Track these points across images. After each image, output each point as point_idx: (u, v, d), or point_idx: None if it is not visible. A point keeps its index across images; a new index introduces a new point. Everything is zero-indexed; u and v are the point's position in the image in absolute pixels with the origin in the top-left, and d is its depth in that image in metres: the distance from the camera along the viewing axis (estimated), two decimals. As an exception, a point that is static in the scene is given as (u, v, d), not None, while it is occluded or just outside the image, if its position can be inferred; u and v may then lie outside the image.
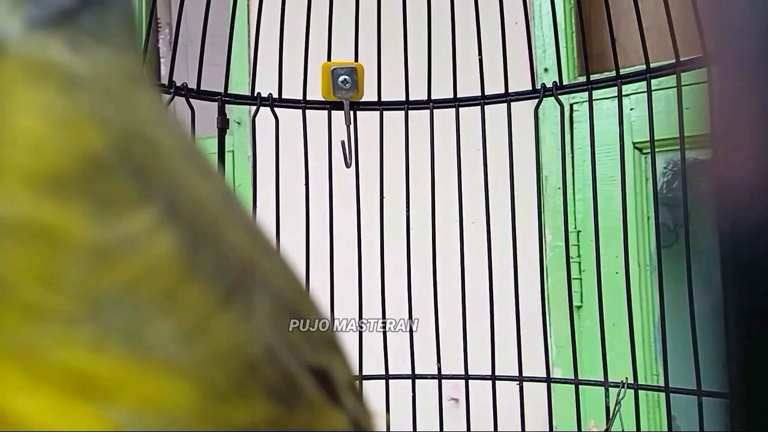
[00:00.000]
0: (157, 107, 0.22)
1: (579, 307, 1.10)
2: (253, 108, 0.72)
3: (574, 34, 1.19)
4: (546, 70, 1.19)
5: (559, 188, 1.14)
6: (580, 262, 1.12)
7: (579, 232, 1.14)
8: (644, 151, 1.12)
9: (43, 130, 0.18)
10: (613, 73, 0.71)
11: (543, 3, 1.19)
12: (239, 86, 0.99)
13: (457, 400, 0.89)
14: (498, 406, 0.71)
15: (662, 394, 0.66)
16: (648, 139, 0.69)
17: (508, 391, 0.72)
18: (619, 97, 0.70)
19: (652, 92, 0.69)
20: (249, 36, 1.25)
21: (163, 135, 0.20)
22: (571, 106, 1.13)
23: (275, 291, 0.22)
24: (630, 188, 1.08)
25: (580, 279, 1.11)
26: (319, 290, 0.69)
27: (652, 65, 0.67)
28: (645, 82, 0.69)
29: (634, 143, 1.09)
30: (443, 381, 0.73)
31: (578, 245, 1.13)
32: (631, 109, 1.06)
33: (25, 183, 0.17)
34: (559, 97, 0.71)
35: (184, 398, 0.17)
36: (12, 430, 0.16)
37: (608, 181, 1.03)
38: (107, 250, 0.17)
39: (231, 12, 0.71)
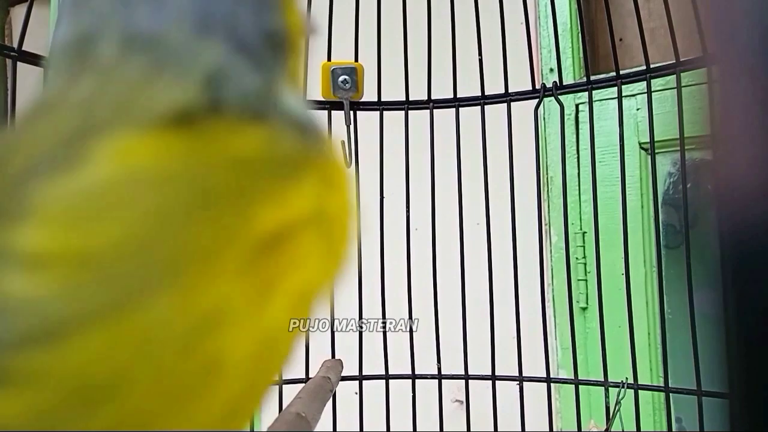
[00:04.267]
0: None
1: (584, 309, 1.08)
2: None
3: (579, 35, 1.18)
4: (552, 70, 1.18)
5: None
6: (585, 263, 1.10)
7: (584, 233, 1.11)
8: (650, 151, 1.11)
9: None
10: (613, 73, 0.71)
11: (548, 3, 1.18)
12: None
13: (462, 402, 0.89)
14: (499, 407, 0.71)
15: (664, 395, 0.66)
16: (655, 139, 0.68)
17: (509, 391, 0.71)
18: (619, 97, 0.70)
19: (659, 92, 0.69)
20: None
21: None
22: (577, 106, 1.11)
23: None
24: (636, 189, 1.07)
25: (586, 280, 1.09)
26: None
27: (657, 65, 0.66)
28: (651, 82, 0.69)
29: (640, 143, 1.07)
30: (446, 382, 0.73)
31: (584, 246, 1.11)
32: (638, 109, 1.05)
33: None
34: (566, 97, 0.71)
35: None
36: None
37: (614, 182, 1.01)
38: None
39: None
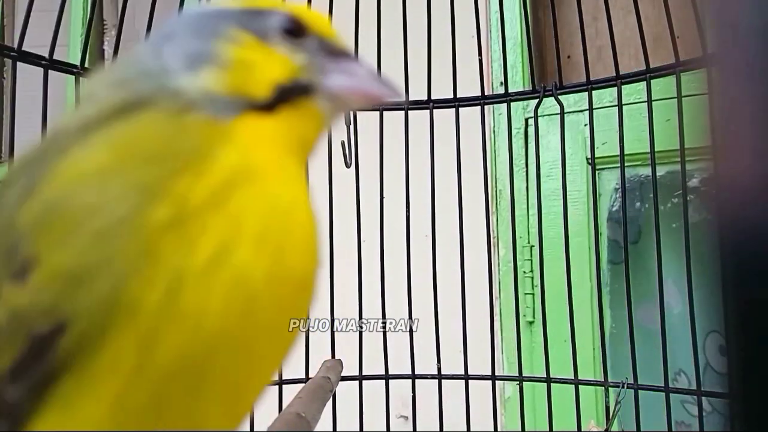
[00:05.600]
0: None
1: (531, 323, 1.05)
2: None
3: (527, 49, 1.17)
4: (501, 83, 1.16)
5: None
6: (532, 277, 1.07)
7: (532, 247, 1.09)
8: (597, 166, 1.10)
9: None
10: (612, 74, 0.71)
11: (498, 18, 1.17)
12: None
13: (406, 418, 0.88)
14: (442, 407, 0.71)
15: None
16: (602, 154, 0.67)
17: (454, 392, 0.71)
18: (619, 97, 0.70)
19: (606, 108, 0.68)
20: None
21: None
22: (527, 120, 1.09)
23: None
24: (582, 204, 1.06)
25: (533, 294, 1.06)
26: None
27: (658, 65, 0.66)
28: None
29: (586, 158, 1.06)
30: (392, 397, 0.72)
31: (531, 260, 1.08)
32: (585, 125, 1.04)
33: None
34: (515, 111, 0.71)
35: None
36: None
37: (561, 196, 0.99)
38: None
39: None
